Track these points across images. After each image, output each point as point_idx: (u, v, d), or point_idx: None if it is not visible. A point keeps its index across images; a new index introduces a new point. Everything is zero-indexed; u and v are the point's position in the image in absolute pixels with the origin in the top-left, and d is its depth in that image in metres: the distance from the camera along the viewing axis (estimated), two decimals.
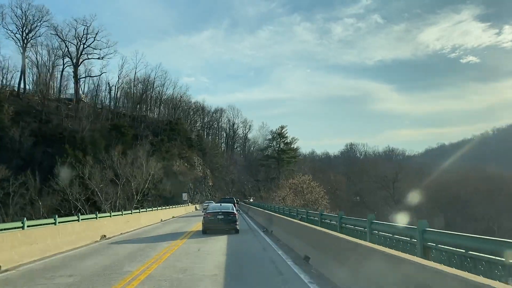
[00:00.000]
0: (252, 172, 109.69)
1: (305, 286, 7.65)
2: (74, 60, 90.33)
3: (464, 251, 5.30)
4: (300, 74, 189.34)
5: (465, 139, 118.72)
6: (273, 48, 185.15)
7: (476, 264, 5.05)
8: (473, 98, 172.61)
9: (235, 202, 39.78)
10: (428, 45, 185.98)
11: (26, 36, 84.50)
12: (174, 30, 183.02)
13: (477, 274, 4.36)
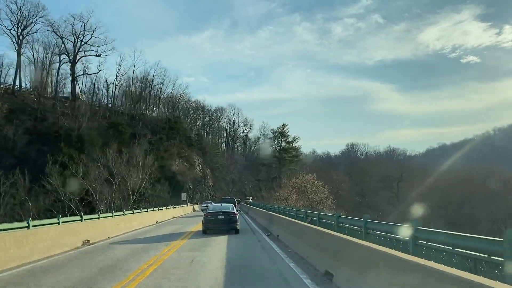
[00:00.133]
0: (253, 172, 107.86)
1: None
2: (71, 57, 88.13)
3: (451, 248, 5.57)
4: (300, 74, 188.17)
5: (466, 139, 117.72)
6: (273, 48, 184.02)
7: (462, 260, 5.35)
8: (473, 98, 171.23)
9: (236, 202, 38.35)
10: (428, 45, 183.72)
11: (21, 32, 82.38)
12: (174, 30, 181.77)
13: (463, 269, 4.56)
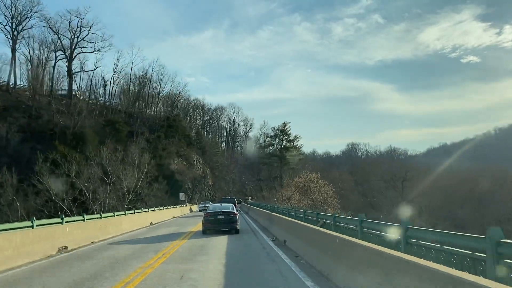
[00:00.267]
0: (253, 172, 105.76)
1: None
2: (68, 54, 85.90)
3: (440, 245, 5.88)
4: (300, 74, 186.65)
5: (467, 139, 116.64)
6: (273, 48, 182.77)
7: (449, 257, 5.58)
8: (473, 98, 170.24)
9: (236, 202, 36.51)
10: (429, 45, 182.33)
11: (16, 27, 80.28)
12: (174, 30, 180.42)
13: (450, 266, 4.86)
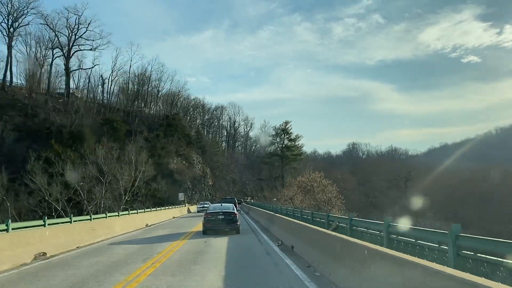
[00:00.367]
0: (254, 171, 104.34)
1: None
2: (65, 52, 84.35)
3: (414, 240, 6.65)
4: (300, 74, 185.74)
5: (467, 139, 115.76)
6: (273, 48, 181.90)
7: (422, 250, 6.29)
8: (473, 97, 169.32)
9: (236, 202, 35.09)
10: (429, 45, 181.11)
11: (12, 24, 78.69)
12: (174, 30, 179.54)
13: (421, 257, 5.36)
